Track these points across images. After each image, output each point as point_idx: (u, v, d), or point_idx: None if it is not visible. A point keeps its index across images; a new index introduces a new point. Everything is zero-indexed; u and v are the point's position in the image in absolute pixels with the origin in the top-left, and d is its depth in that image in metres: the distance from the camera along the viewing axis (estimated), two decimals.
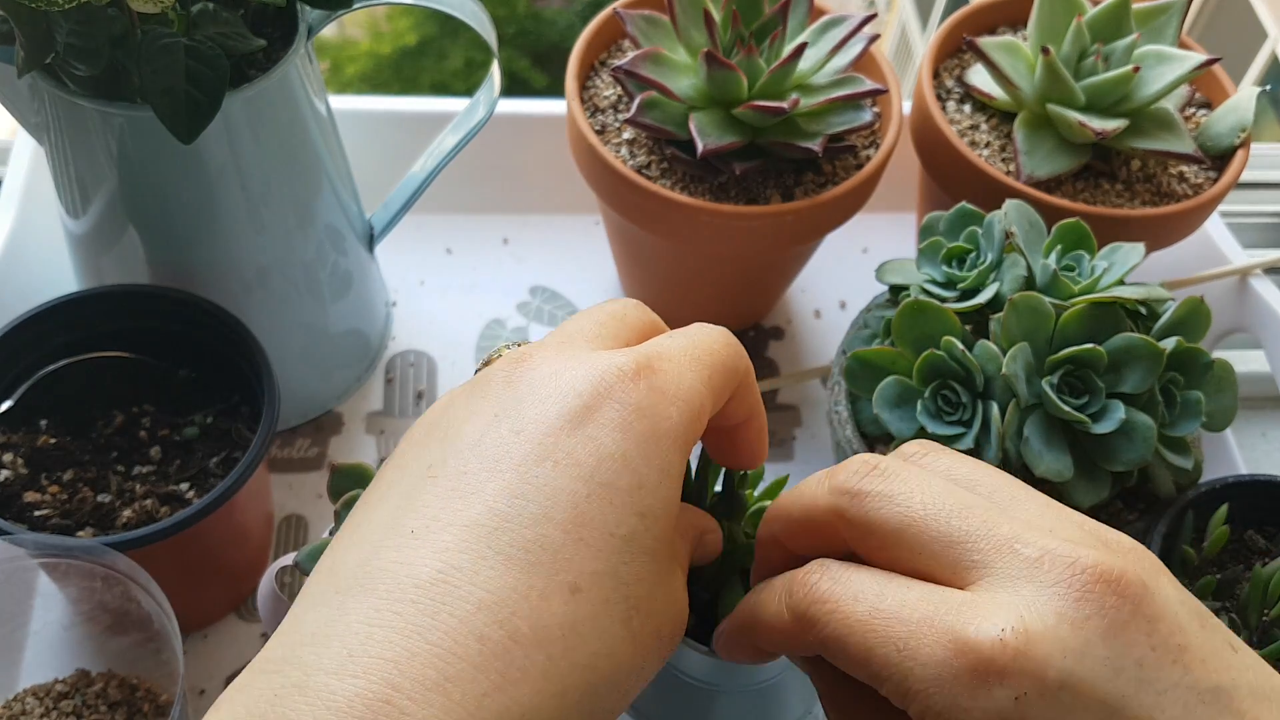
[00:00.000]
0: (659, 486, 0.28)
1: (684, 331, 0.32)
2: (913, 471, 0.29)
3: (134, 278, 0.54)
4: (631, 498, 0.27)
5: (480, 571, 0.25)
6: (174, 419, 0.53)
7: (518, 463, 0.27)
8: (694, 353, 0.30)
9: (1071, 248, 0.50)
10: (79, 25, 0.44)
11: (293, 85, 0.51)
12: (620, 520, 0.27)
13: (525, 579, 0.25)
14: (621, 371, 0.28)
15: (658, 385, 0.28)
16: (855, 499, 0.28)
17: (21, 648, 0.51)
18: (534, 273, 0.72)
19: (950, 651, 0.25)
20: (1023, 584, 0.25)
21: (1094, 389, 0.46)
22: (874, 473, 0.29)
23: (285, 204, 0.54)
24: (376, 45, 2.79)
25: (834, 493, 0.29)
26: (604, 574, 0.26)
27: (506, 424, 0.28)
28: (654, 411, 0.28)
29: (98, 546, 0.45)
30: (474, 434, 0.28)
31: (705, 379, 0.30)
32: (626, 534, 0.27)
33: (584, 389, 0.28)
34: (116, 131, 0.48)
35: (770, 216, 0.56)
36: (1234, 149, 0.60)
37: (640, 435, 0.28)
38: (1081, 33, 0.57)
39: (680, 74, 0.56)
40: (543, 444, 0.27)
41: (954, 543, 0.27)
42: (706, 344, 0.31)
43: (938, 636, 0.25)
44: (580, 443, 0.27)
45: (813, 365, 0.69)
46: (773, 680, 0.42)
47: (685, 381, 0.29)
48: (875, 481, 0.28)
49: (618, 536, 0.27)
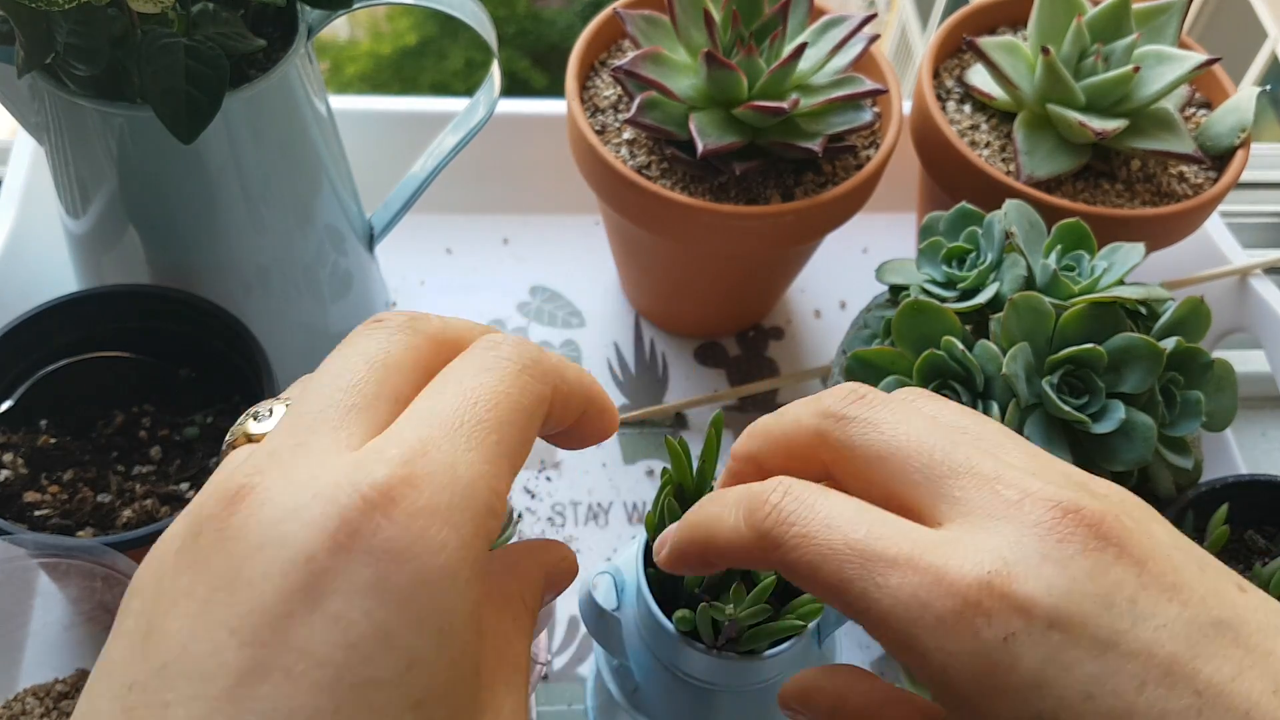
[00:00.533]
0: (439, 654, 0.21)
1: (464, 372, 0.25)
2: (900, 405, 0.28)
3: (134, 278, 0.54)
4: (401, 689, 0.21)
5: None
6: (174, 419, 0.53)
7: (235, 682, 0.20)
8: (477, 415, 0.23)
9: (1071, 248, 0.50)
10: (79, 25, 0.44)
11: (293, 85, 0.51)
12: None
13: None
14: (367, 501, 0.21)
15: (422, 505, 0.21)
16: (840, 422, 0.27)
17: (22, 647, 0.51)
18: (534, 273, 0.72)
19: (934, 592, 0.23)
20: (1003, 524, 0.24)
21: (1094, 389, 0.46)
22: (861, 400, 0.28)
23: (285, 204, 0.54)
24: (376, 45, 2.79)
25: (819, 415, 0.28)
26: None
27: (218, 617, 0.21)
28: (418, 549, 0.21)
29: (98, 546, 0.45)
30: (180, 635, 0.21)
31: (493, 449, 0.23)
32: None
33: (318, 546, 0.21)
34: (116, 131, 0.48)
35: (770, 216, 0.56)
36: (1234, 149, 0.60)
37: (402, 593, 0.21)
38: (1081, 33, 0.57)
39: (680, 74, 0.56)
40: (266, 646, 0.20)
41: (934, 476, 0.26)
42: (486, 393, 0.24)
43: (920, 576, 0.24)
44: (318, 632, 0.20)
45: (813, 365, 0.69)
46: (773, 680, 0.42)
47: (463, 475, 0.22)
48: (862, 408, 0.27)
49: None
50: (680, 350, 0.69)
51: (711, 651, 0.39)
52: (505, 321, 0.70)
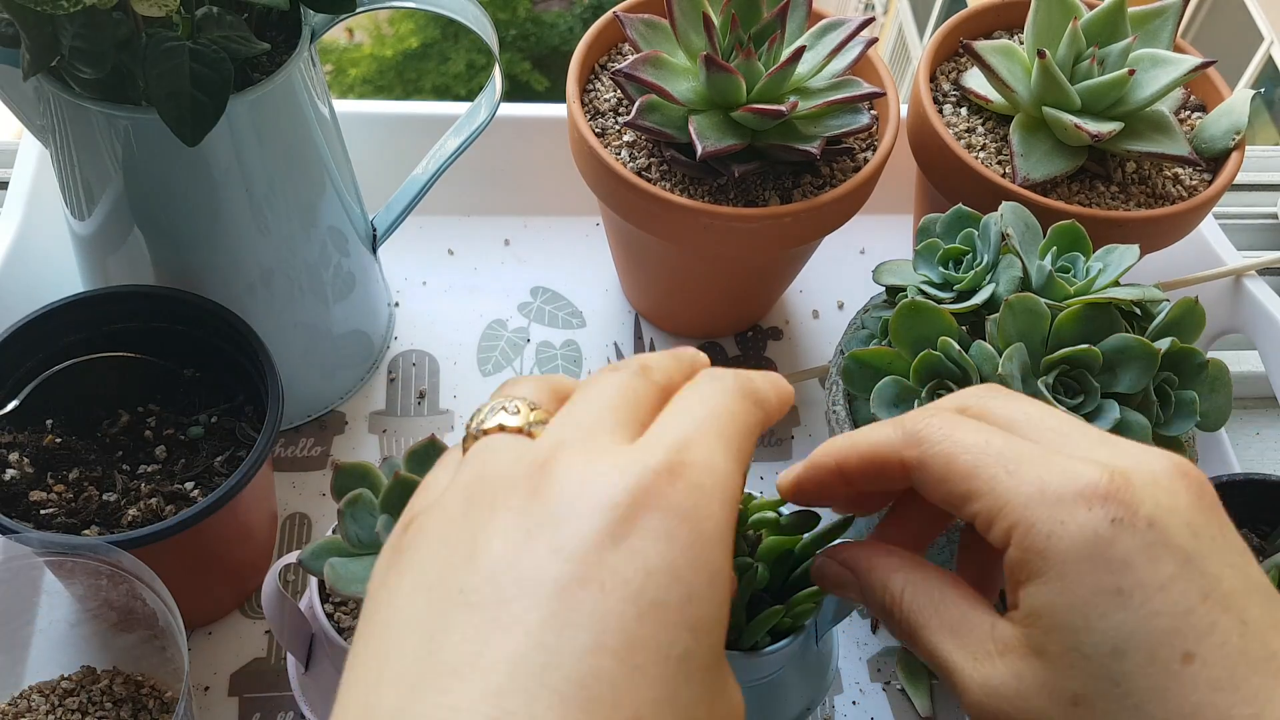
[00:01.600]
0: (709, 595, 0.26)
1: (699, 398, 0.30)
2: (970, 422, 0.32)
3: (139, 279, 0.55)
4: (683, 613, 0.25)
5: (536, 714, 0.23)
6: (179, 418, 0.54)
7: (561, 588, 0.25)
8: (718, 428, 0.29)
9: (1067, 249, 0.50)
10: (84, 29, 0.44)
11: (296, 88, 0.51)
12: (674, 640, 0.25)
13: (583, 718, 0.24)
14: (657, 474, 0.26)
15: (696, 482, 0.27)
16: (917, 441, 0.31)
17: (28, 645, 0.52)
18: (535, 274, 0.73)
19: (1058, 476, 0.29)
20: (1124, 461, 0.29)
21: (1089, 389, 0.46)
22: (934, 417, 0.32)
23: (289, 206, 0.54)
24: (379, 49, 2.79)
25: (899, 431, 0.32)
26: (663, 701, 0.25)
27: (542, 543, 0.26)
28: (697, 513, 0.26)
29: (103, 545, 0.45)
30: (506, 554, 0.26)
31: (736, 456, 0.28)
32: (681, 653, 0.25)
33: (621, 499, 0.26)
34: (121, 134, 0.48)
35: (769, 218, 0.56)
36: (1228, 151, 0.60)
37: (685, 542, 0.26)
38: (1077, 36, 0.57)
39: (680, 77, 0.57)
40: (585, 564, 0.25)
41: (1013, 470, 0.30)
42: (726, 411, 0.29)
43: (1048, 465, 0.29)
44: (624, 559, 0.25)
45: (811, 365, 0.69)
46: (773, 678, 0.43)
47: (719, 469, 0.28)
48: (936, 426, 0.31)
49: (673, 658, 0.25)
50: None
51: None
52: (506, 322, 0.70)
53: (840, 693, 0.56)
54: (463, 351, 0.68)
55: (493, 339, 0.69)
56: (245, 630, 0.55)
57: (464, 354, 0.68)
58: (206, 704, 0.53)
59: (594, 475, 0.26)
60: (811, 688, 0.45)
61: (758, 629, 0.39)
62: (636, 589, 0.25)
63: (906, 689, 0.56)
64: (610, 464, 0.27)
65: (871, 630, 0.58)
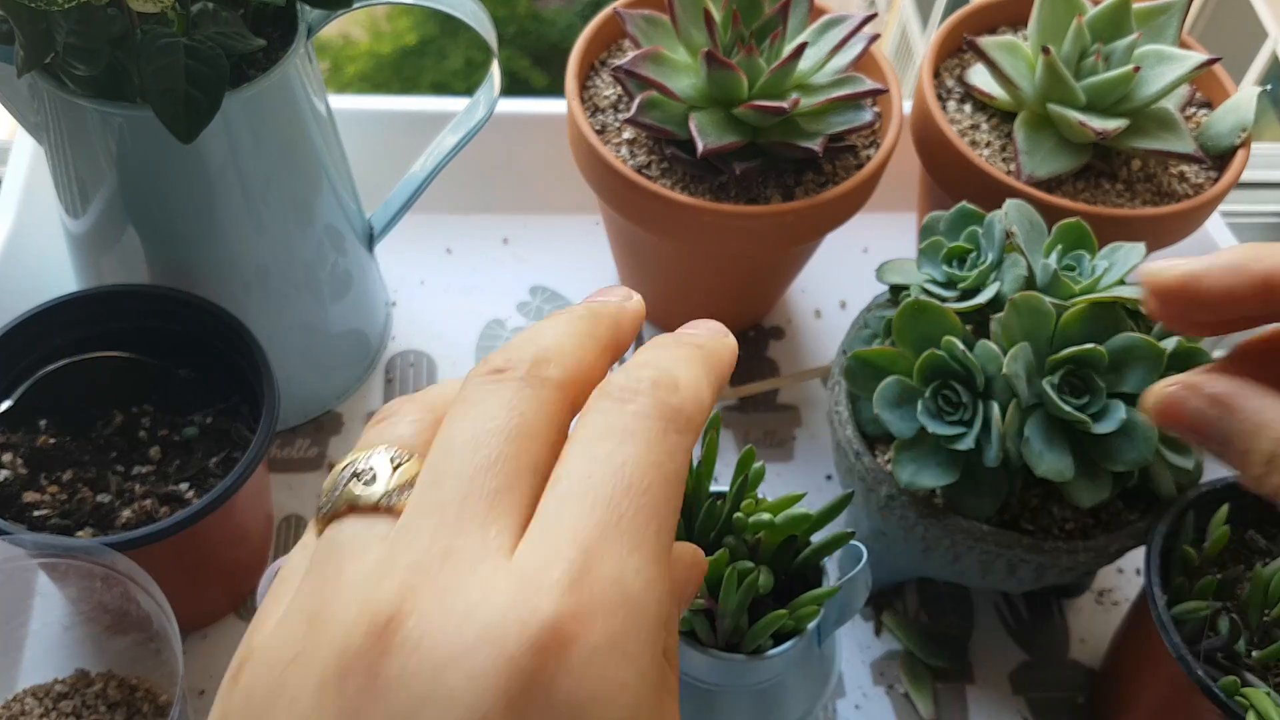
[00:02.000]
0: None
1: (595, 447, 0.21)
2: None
3: (134, 278, 0.54)
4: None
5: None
6: (173, 419, 0.53)
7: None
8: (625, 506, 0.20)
9: (1072, 247, 0.50)
10: (79, 25, 0.44)
11: (292, 85, 0.51)
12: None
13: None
14: (537, 647, 0.19)
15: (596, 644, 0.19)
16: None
17: (21, 648, 0.51)
18: (534, 273, 0.72)
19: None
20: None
21: (1095, 389, 0.46)
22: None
23: (285, 204, 0.54)
24: (376, 45, 2.79)
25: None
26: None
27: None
28: (600, 698, 0.19)
29: (97, 547, 0.45)
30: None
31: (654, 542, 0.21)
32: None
33: (487, 705, 0.18)
34: (116, 131, 0.48)
35: (771, 216, 0.56)
36: (1234, 149, 0.60)
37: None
38: (1082, 32, 0.57)
39: (680, 74, 0.56)
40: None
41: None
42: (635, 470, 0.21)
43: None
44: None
45: (813, 365, 0.69)
46: (773, 680, 0.42)
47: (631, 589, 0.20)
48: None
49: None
50: None
51: (711, 652, 0.39)
52: (505, 322, 0.70)
53: (843, 696, 0.55)
54: (461, 351, 0.68)
55: (492, 339, 0.69)
56: (240, 633, 0.55)
57: (463, 354, 0.68)
58: (202, 707, 0.53)
59: (450, 658, 0.19)
60: (813, 691, 0.45)
61: (760, 632, 0.39)
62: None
63: (909, 693, 0.55)
64: (475, 632, 0.19)
65: (875, 633, 0.58)
